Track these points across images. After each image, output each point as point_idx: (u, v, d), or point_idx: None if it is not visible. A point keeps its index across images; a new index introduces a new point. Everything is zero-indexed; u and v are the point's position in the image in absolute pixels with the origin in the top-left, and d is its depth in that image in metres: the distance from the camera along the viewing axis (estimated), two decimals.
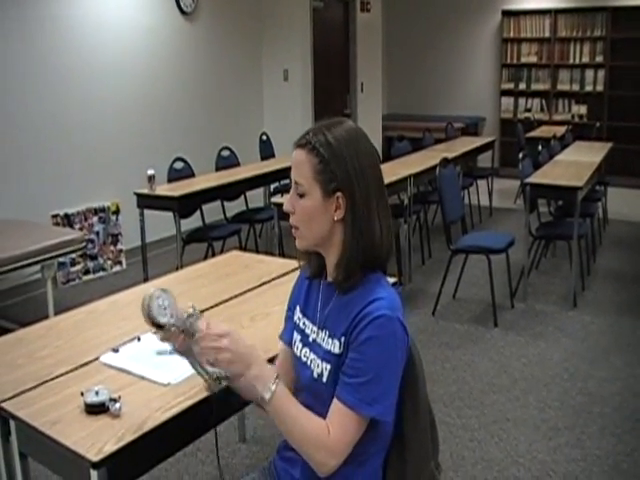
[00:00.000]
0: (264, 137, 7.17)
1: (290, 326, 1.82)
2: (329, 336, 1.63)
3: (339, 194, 1.58)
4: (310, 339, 1.70)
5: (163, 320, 1.53)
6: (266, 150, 7.08)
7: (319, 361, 1.64)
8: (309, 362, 1.68)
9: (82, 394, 1.78)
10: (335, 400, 1.55)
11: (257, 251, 5.70)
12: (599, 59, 9.57)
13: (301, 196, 1.62)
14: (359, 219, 1.59)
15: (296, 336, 1.77)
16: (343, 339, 1.58)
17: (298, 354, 1.74)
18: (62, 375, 1.99)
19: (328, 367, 1.61)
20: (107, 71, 6.13)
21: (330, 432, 1.53)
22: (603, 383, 3.88)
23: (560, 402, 3.68)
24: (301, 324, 1.76)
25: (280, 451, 1.85)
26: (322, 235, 1.63)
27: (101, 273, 6.02)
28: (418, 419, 1.70)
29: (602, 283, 5.56)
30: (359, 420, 1.53)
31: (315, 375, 1.65)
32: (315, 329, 1.69)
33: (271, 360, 1.89)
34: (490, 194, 7.91)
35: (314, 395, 1.64)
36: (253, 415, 3.51)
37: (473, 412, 3.60)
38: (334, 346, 1.60)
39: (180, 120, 6.89)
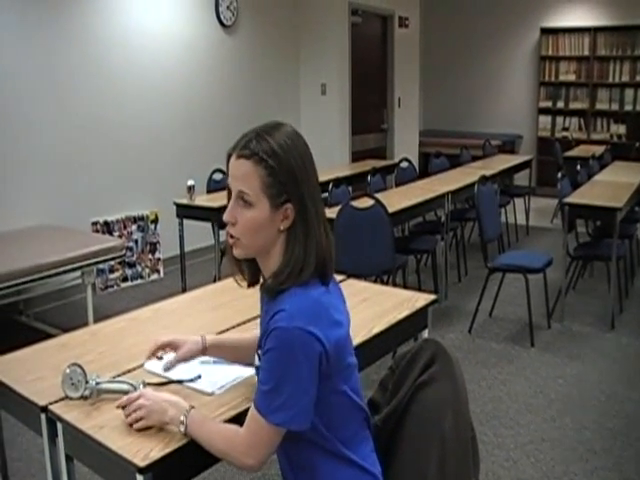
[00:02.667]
0: None
1: None
2: (259, 346, 1.69)
3: (288, 205, 1.58)
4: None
5: (75, 395, 1.87)
6: None
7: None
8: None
9: None
10: (253, 412, 1.61)
11: None
12: (639, 78, 9.48)
13: (246, 206, 1.59)
14: (308, 227, 1.60)
15: None
16: (260, 351, 1.64)
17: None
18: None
19: (257, 378, 1.68)
20: (149, 83, 6.22)
21: (240, 433, 1.62)
22: None
23: (597, 424, 3.63)
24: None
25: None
26: (265, 245, 1.63)
27: (139, 281, 6.09)
28: (460, 433, 1.70)
29: None
30: (266, 426, 1.58)
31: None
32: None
33: None
34: (527, 213, 7.85)
35: None
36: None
37: (509, 432, 3.57)
38: (257, 359, 1.71)
39: (219, 132, 6.95)
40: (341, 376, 1.65)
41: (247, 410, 1.81)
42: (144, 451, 1.64)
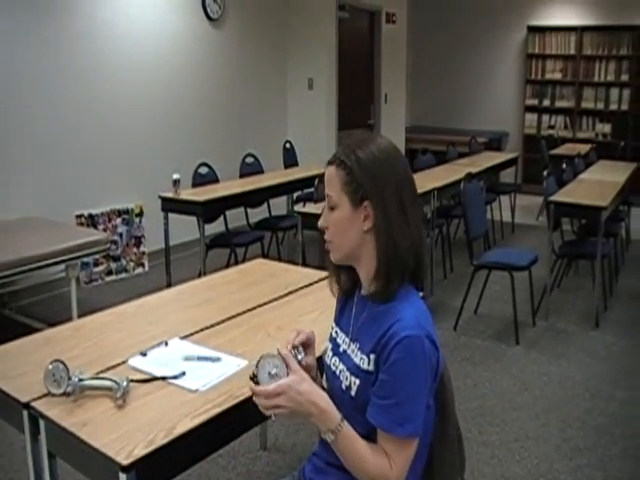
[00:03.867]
0: (288, 145, 7.19)
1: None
2: (359, 349, 1.64)
3: (366, 203, 1.61)
4: (341, 349, 1.72)
5: (57, 391, 1.85)
6: (290, 158, 7.11)
7: (348, 373, 1.65)
8: (338, 372, 1.70)
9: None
10: (379, 430, 1.56)
11: (279, 259, 5.71)
12: (624, 78, 9.54)
13: (332, 209, 1.66)
14: (387, 228, 1.60)
15: (329, 345, 1.80)
16: (373, 357, 1.58)
17: (328, 362, 1.76)
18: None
19: (357, 382, 1.62)
20: (135, 76, 6.18)
21: (393, 467, 1.55)
22: (625, 405, 3.84)
23: (581, 422, 3.65)
24: (334, 333, 1.79)
25: (311, 459, 1.84)
26: (353, 246, 1.64)
27: (123, 274, 6.05)
28: (447, 434, 1.71)
29: (624, 304, 5.52)
30: (404, 441, 1.55)
31: (343, 387, 1.66)
32: (347, 340, 1.71)
33: None
34: (513, 210, 7.88)
35: (343, 406, 1.64)
36: (275, 424, 3.51)
37: (494, 429, 3.58)
38: (363, 362, 1.61)
39: (205, 126, 6.93)
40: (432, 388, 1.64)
41: (232, 408, 1.84)
42: (127, 449, 1.62)
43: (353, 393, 1.62)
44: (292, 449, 3.40)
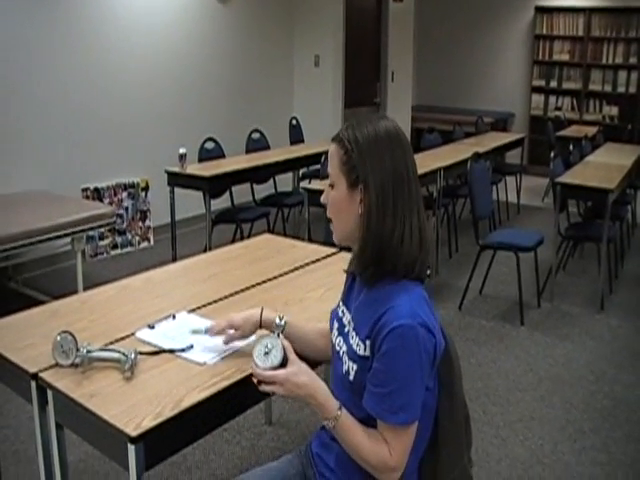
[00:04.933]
0: (294, 122, 7.16)
1: (333, 316, 1.84)
2: (356, 333, 1.63)
3: (361, 186, 1.59)
4: (345, 330, 1.71)
5: (65, 362, 1.85)
6: (296, 135, 7.08)
7: (346, 357, 1.66)
8: (341, 353, 1.69)
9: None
10: (378, 420, 1.57)
11: (285, 235, 5.70)
12: (633, 60, 9.44)
13: (331, 186, 1.66)
14: (384, 214, 1.57)
15: (335, 324, 1.79)
16: (368, 343, 1.58)
17: (334, 342, 1.76)
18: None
19: (354, 367, 1.62)
20: (142, 51, 6.14)
21: (392, 454, 1.55)
22: (629, 388, 3.85)
23: (586, 404, 3.66)
24: (340, 312, 1.78)
25: (319, 435, 1.85)
26: (350, 229, 1.64)
27: (129, 248, 6.05)
28: (453, 413, 1.71)
29: (630, 287, 5.51)
30: (400, 428, 1.55)
31: (343, 370, 1.66)
32: (350, 320, 1.71)
33: None
34: (518, 191, 7.83)
35: (344, 388, 1.66)
36: (280, 399, 3.51)
37: (498, 409, 3.59)
38: (359, 347, 1.61)
39: (212, 101, 6.88)
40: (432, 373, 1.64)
41: (239, 381, 1.83)
42: (136, 420, 1.62)
43: (351, 378, 1.63)
44: (297, 425, 3.41)
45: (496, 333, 4.55)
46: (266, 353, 1.65)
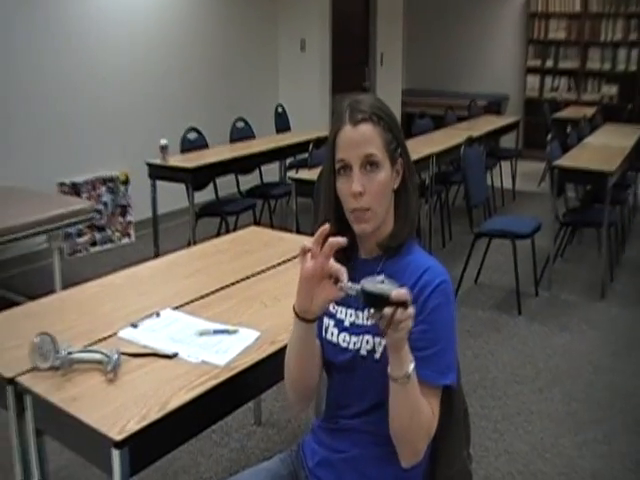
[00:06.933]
0: (280, 109, 6.99)
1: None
2: None
3: (400, 160, 1.60)
4: (346, 323, 1.65)
5: (44, 365, 1.77)
6: (282, 123, 6.92)
7: (368, 337, 1.59)
8: (352, 345, 1.63)
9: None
10: (420, 382, 1.49)
11: (272, 227, 5.58)
12: (633, 37, 9.21)
13: (374, 169, 1.55)
14: (414, 182, 1.64)
15: (328, 322, 1.70)
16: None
17: (335, 340, 1.67)
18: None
19: (383, 342, 1.55)
20: (120, 37, 5.99)
21: (435, 415, 1.53)
22: (630, 378, 3.77)
23: (586, 395, 3.58)
24: (331, 309, 1.69)
25: (314, 431, 1.81)
26: (386, 209, 1.59)
27: (109, 245, 5.92)
28: (452, 408, 1.67)
29: (631, 274, 5.38)
30: (439, 392, 1.55)
31: (364, 353, 1.60)
32: (352, 312, 1.64)
33: None
34: (514, 176, 7.70)
35: (356, 375, 1.62)
36: (269, 398, 3.47)
37: (496, 402, 3.51)
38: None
39: (194, 89, 6.74)
40: None
41: (227, 381, 1.79)
42: (120, 424, 1.57)
43: (378, 355, 1.57)
44: (287, 424, 3.35)
45: (493, 324, 4.45)
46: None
